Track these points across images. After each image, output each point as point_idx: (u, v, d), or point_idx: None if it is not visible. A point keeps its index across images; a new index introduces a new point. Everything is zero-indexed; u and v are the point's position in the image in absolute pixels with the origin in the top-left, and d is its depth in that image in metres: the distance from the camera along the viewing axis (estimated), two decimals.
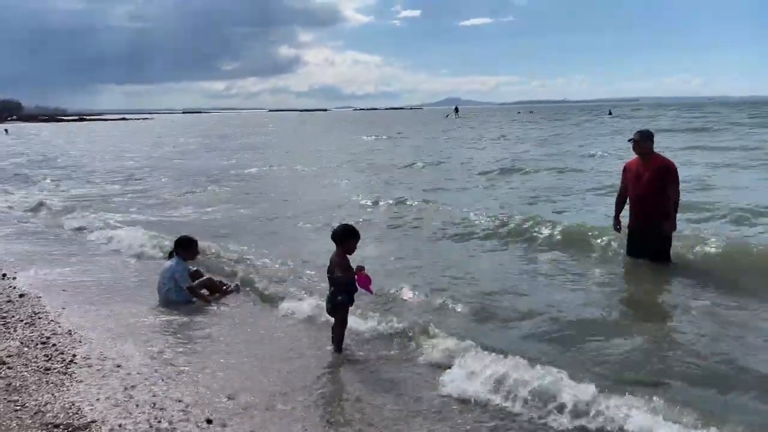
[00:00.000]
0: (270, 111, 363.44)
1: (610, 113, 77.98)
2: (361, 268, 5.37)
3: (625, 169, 7.82)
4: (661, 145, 9.31)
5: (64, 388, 4.60)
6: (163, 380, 4.79)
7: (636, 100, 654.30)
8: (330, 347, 5.45)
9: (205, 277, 7.29)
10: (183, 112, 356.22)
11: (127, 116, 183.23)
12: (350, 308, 5.47)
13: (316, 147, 35.38)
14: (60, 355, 5.27)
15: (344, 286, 5.34)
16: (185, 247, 7.21)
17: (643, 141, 7.50)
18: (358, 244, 5.49)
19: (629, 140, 7.70)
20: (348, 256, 5.44)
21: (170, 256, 7.22)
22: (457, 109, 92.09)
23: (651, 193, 7.35)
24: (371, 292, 5.54)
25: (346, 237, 5.45)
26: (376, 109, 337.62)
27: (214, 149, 36.35)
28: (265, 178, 20.21)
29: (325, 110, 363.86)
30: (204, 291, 7.15)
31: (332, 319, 5.49)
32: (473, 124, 63.25)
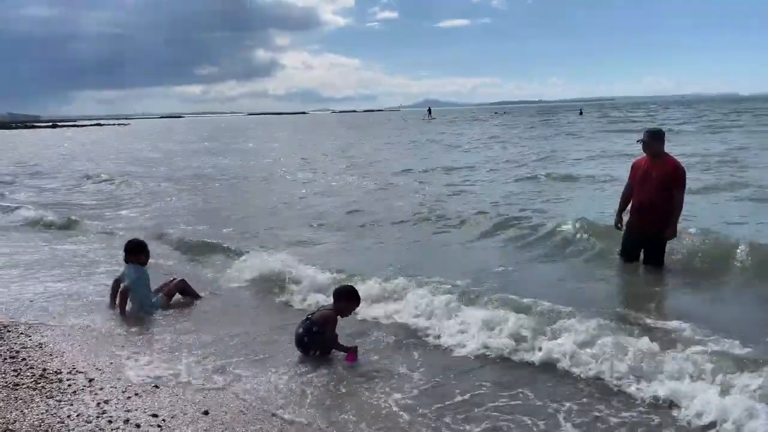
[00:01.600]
0: (249, 114, 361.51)
1: (581, 113, 79.58)
2: (355, 349, 5.27)
3: (633, 167, 7.47)
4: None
5: (34, 405, 4.41)
6: (137, 395, 4.62)
7: (612, 100, 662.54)
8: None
9: (178, 280, 7.15)
10: (161, 117, 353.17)
11: (102, 122, 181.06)
12: None
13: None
14: (29, 370, 5.07)
15: (314, 335, 5.26)
16: (136, 252, 6.96)
17: (652, 141, 7.12)
18: None
19: (638, 141, 7.32)
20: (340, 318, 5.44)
21: (126, 260, 6.97)
22: (430, 111, 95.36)
23: (657, 197, 7.01)
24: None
25: (345, 299, 5.44)
26: (354, 111, 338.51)
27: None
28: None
29: (304, 113, 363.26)
30: (178, 295, 7.03)
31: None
32: (427, 126, 64.91)
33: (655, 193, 7.04)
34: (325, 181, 18.88)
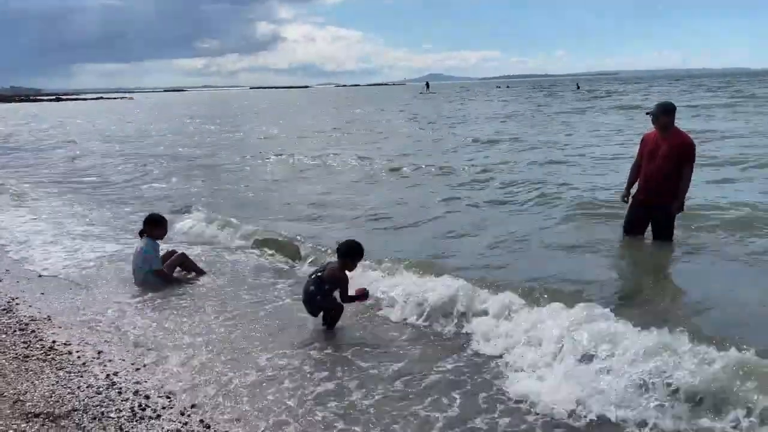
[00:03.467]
0: (252, 89, 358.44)
1: (578, 87, 79.19)
2: (364, 291, 5.41)
3: (642, 140, 7.39)
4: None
5: (44, 376, 4.48)
6: (146, 366, 4.68)
7: (616, 74, 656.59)
8: (319, 324, 5.44)
9: (178, 253, 7.16)
10: (164, 91, 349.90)
11: (105, 95, 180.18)
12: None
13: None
14: (39, 342, 5.13)
15: (326, 293, 5.32)
16: (156, 226, 7.04)
17: (661, 115, 7.02)
18: None
19: (647, 113, 7.25)
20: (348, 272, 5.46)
21: (141, 234, 7.04)
22: (428, 85, 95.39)
23: (665, 171, 6.96)
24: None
25: (351, 254, 5.42)
26: (358, 85, 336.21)
27: None
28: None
29: (307, 87, 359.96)
30: (178, 270, 7.07)
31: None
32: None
33: (663, 168, 6.99)
34: None
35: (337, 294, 5.41)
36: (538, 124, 26.91)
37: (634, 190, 7.50)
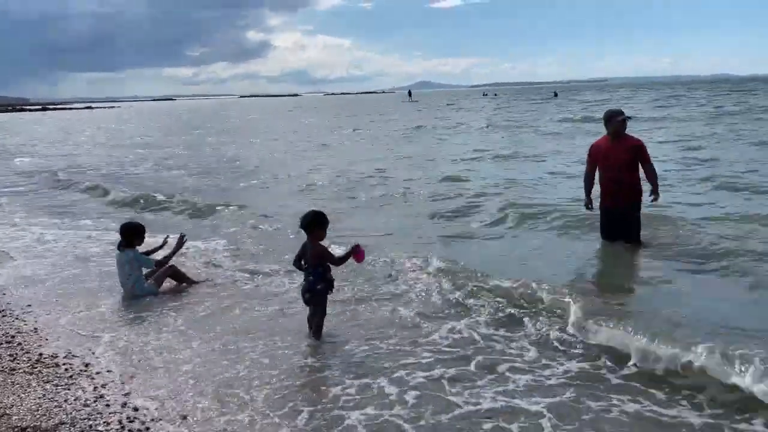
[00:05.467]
0: (242, 97, 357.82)
1: (556, 95, 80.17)
2: (357, 247, 5.28)
3: (594, 148, 7.62)
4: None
5: (31, 389, 4.42)
6: (134, 377, 4.63)
7: (605, 81, 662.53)
8: (308, 333, 5.38)
9: (168, 266, 7.05)
10: (153, 100, 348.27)
11: (93, 105, 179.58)
12: (329, 296, 5.40)
13: None
14: (26, 355, 5.07)
15: (324, 276, 5.25)
16: (139, 235, 6.94)
17: (614, 120, 7.33)
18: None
19: (621, 119, 7.40)
20: (321, 242, 5.36)
21: (120, 246, 6.86)
22: (410, 93, 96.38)
23: (622, 174, 7.27)
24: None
25: (314, 226, 5.31)
26: (347, 93, 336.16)
27: None
28: None
29: (297, 95, 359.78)
30: (170, 282, 6.99)
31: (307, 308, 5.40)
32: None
33: (619, 171, 7.29)
34: None
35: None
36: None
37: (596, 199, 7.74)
